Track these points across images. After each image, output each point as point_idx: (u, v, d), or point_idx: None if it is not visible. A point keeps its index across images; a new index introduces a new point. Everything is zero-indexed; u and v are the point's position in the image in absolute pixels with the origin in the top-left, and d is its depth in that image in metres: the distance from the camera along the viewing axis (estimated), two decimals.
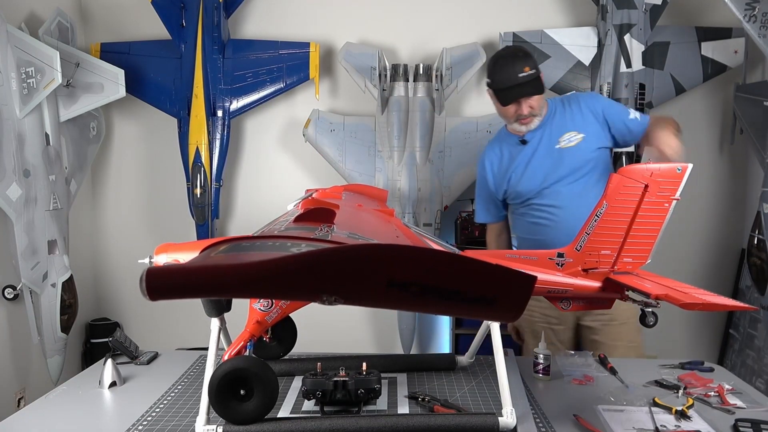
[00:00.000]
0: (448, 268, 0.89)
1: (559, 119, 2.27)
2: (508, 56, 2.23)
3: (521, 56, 2.19)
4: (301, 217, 1.35)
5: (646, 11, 3.20)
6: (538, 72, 2.18)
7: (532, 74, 2.14)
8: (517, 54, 2.22)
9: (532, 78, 2.15)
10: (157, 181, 3.73)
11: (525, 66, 2.15)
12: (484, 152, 2.43)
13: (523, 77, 2.14)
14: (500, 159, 2.34)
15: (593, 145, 2.21)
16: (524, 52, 2.24)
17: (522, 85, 2.15)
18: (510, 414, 1.41)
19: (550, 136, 2.25)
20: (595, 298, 1.56)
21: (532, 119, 2.22)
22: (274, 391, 1.37)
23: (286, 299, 1.49)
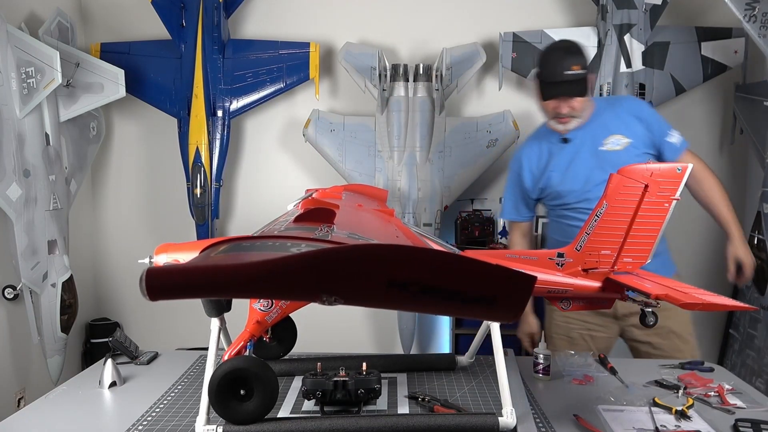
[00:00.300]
0: (448, 268, 0.89)
1: (605, 120, 2.18)
2: (561, 50, 2.14)
3: (573, 52, 2.11)
4: (301, 217, 1.34)
5: (646, 11, 3.20)
6: (587, 73, 2.10)
7: (580, 74, 2.07)
8: (570, 49, 2.13)
9: (579, 78, 2.07)
10: (157, 181, 3.73)
11: (574, 64, 2.06)
12: (522, 148, 2.35)
13: (569, 75, 2.06)
14: (539, 157, 2.26)
15: (639, 151, 2.13)
16: (578, 48, 2.14)
17: (566, 83, 2.07)
18: (510, 414, 1.41)
19: (594, 137, 2.17)
20: (595, 298, 1.56)
21: (570, 120, 2.15)
22: (274, 391, 1.37)
23: (286, 299, 1.49)
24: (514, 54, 3.36)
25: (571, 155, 2.19)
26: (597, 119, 2.18)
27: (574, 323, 2.27)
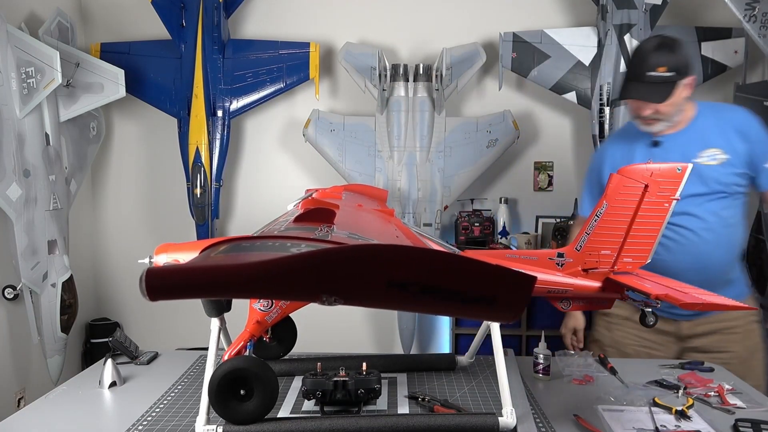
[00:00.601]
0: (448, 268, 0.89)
1: (706, 130, 2.00)
2: (652, 46, 1.95)
3: (664, 51, 1.91)
4: (301, 217, 1.34)
5: (646, 11, 3.20)
6: (678, 76, 1.90)
7: (665, 77, 1.89)
8: (661, 46, 1.93)
9: (663, 81, 1.89)
10: (157, 181, 3.73)
11: (660, 65, 1.89)
12: (606, 144, 2.21)
13: (651, 76, 1.90)
14: (623, 156, 2.08)
15: (736, 169, 1.97)
16: (671, 46, 1.93)
17: (647, 85, 1.91)
18: (510, 414, 1.41)
19: (689, 146, 1.99)
20: (595, 298, 1.56)
21: (655, 122, 1.98)
22: (274, 391, 1.37)
23: (286, 299, 1.49)
24: (514, 54, 3.36)
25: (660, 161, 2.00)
26: (697, 127, 2.01)
27: (630, 338, 2.17)
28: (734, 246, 2.08)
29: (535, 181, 3.65)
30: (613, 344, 2.21)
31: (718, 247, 2.02)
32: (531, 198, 3.64)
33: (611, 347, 2.21)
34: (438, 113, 3.36)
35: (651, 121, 1.99)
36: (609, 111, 3.24)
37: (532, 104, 3.61)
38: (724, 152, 1.97)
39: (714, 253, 2.01)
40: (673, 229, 1.99)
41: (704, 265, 2.00)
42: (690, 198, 1.96)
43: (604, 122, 3.25)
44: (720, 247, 2.02)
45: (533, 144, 3.63)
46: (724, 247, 2.04)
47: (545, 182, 3.64)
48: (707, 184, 1.98)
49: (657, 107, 1.94)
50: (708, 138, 1.99)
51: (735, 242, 2.08)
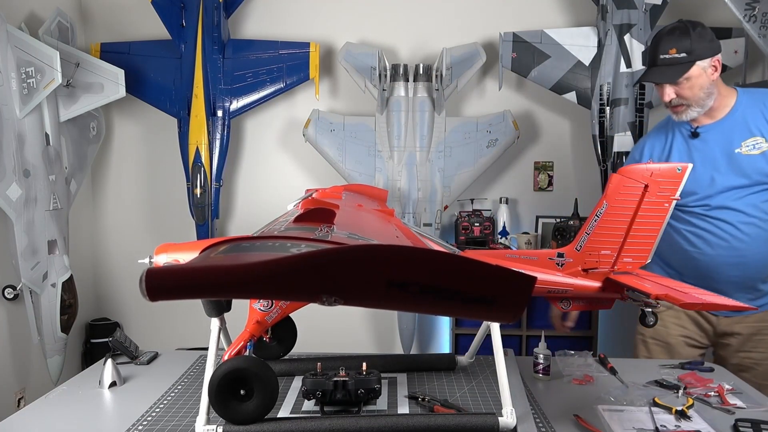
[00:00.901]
0: (448, 269, 0.89)
1: (747, 117, 1.95)
2: (665, 31, 1.96)
3: (676, 35, 1.92)
4: (301, 218, 1.34)
5: (646, 11, 3.20)
6: (690, 57, 1.89)
7: (677, 58, 1.89)
8: (673, 31, 1.95)
9: (674, 62, 1.89)
10: (157, 181, 3.73)
11: (672, 47, 1.90)
12: (647, 137, 2.18)
13: (663, 59, 1.90)
14: (662, 148, 2.07)
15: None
16: (683, 29, 1.93)
17: (660, 68, 1.92)
18: (510, 414, 1.41)
19: (731, 135, 1.95)
20: (595, 298, 1.56)
21: (685, 109, 1.95)
22: (274, 391, 1.37)
23: (286, 300, 1.49)
24: (514, 54, 3.36)
25: (700, 152, 1.98)
26: (737, 115, 1.96)
27: (673, 328, 2.16)
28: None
29: (535, 181, 3.65)
30: (655, 335, 2.20)
31: (760, 243, 1.96)
32: (531, 198, 3.64)
33: (653, 339, 2.20)
34: (438, 113, 3.36)
35: (678, 108, 1.96)
36: (609, 111, 3.24)
37: (532, 104, 3.61)
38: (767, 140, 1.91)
39: (755, 248, 1.96)
40: (713, 222, 1.97)
41: (744, 260, 1.97)
42: (730, 191, 1.94)
43: (604, 122, 3.25)
44: (762, 243, 1.96)
45: (533, 144, 3.63)
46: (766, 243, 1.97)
47: (545, 182, 3.64)
48: (748, 176, 1.92)
49: (677, 91, 1.93)
50: (750, 126, 1.94)
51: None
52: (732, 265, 1.96)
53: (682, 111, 1.96)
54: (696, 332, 2.17)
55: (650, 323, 1.44)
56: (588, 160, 3.51)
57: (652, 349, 2.22)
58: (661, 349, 2.20)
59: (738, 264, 1.96)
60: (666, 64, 1.91)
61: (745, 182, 1.93)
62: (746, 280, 2.00)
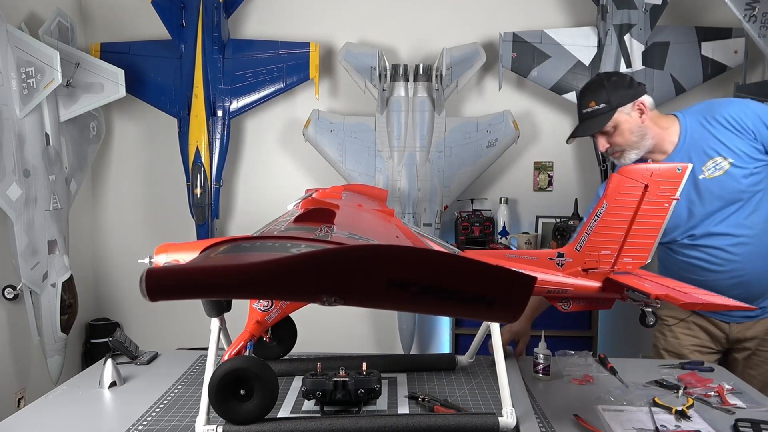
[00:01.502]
0: (448, 269, 0.89)
1: (699, 140, 1.93)
2: (582, 89, 2.05)
3: (592, 88, 1.99)
4: (301, 218, 1.34)
5: (646, 11, 3.20)
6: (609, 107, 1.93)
7: (597, 110, 1.94)
8: (590, 85, 2.02)
9: (598, 114, 1.95)
10: (157, 181, 3.73)
11: (590, 100, 1.96)
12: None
13: (585, 113, 1.98)
14: None
15: (746, 169, 1.88)
16: (598, 82, 2.00)
17: (584, 122, 1.99)
18: (510, 414, 1.41)
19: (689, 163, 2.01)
20: (595, 298, 1.56)
21: (621, 154, 1.99)
22: (274, 391, 1.37)
23: (286, 300, 1.49)
24: (514, 54, 3.36)
25: None
26: (687, 143, 1.95)
27: (686, 339, 2.15)
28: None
29: (535, 181, 3.65)
30: (669, 347, 2.19)
31: (755, 258, 1.95)
32: (531, 198, 3.64)
33: (666, 350, 2.19)
34: (438, 113, 3.36)
35: (615, 155, 2.01)
36: None
37: (532, 104, 3.61)
38: (726, 157, 1.89)
39: (751, 265, 1.95)
40: (703, 250, 1.97)
41: (743, 279, 1.96)
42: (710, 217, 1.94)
43: None
44: (757, 258, 1.95)
45: (533, 144, 3.63)
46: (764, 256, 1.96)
47: (545, 182, 3.64)
48: (721, 197, 1.91)
49: (608, 140, 1.98)
50: (704, 148, 1.92)
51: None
52: (733, 286, 1.94)
53: (619, 156, 2.00)
54: (708, 340, 2.15)
55: (650, 323, 1.44)
56: (588, 160, 3.52)
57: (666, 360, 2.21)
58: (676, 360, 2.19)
59: (738, 284, 1.95)
60: (589, 117, 1.97)
61: (721, 204, 1.92)
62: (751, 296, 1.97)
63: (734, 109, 1.92)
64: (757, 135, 1.88)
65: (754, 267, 1.96)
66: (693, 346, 2.15)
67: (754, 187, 1.90)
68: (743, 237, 1.94)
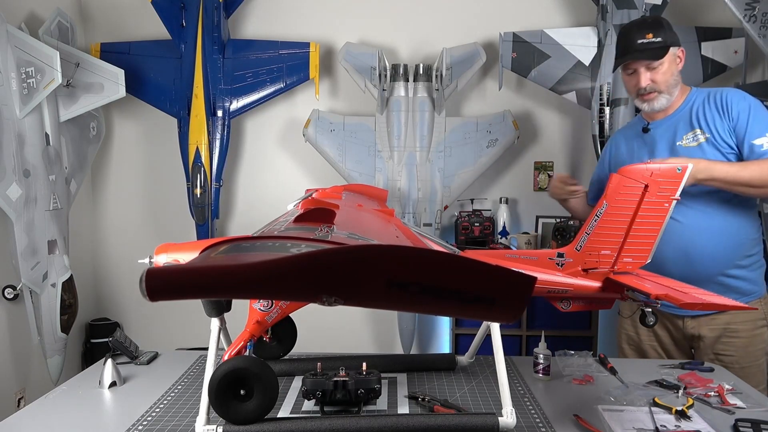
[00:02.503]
0: (448, 269, 0.89)
1: (692, 112, 2.02)
2: (634, 24, 2.05)
3: (648, 23, 2.00)
4: (301, 218, 1.34)
5: (646, 11, 3.20)
6: (667, 43, 1.96)
7: (655, 42, 1.95)
8: (645, 21, 2.03)
9: (654, 46, 1.95)
10: (157, 181, 3.73)
11: (648, 33, 1.95)
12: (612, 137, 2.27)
13: (641, 44, 1.95)
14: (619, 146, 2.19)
15: (718, 150, 1.95)
16: (655, 20, 2.02)
17: (639, 52, 1.97)
18: (510, 414, 1.41)
19: (675, 130, 2.03)
20: (595, 298, 1.56)
21: (655, 96, 2.01)
22: (274, 391, 1.37)
23: (286, 300, 1.49)
24: (514, 54, 3.36)
25: (647, 146, 2.07)
26: (684, 110, 2.04)
27: (644, 335, 2.21)
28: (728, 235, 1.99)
29: (535, 181, 3.65)
30: (632, 343, 2.24)
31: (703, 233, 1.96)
32: (531, 198, 3.64)
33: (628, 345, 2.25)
34: (438, 113, 3.36)
35: (650, 95, 2.01)
36: (609, 111, 3.24)
37: (532, 104, 3.61)
38: (704, 132, 1.98)
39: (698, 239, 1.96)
40: None
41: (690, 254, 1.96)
42: None
43: (604, 122, 3.25)
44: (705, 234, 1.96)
45: (533, 144, 3.63)
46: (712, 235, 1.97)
47: (545, 182, 3.64)
48: None
49: (651, 76, 1.98)
50: (692, 120, 2.02)
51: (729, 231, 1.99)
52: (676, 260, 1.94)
53: (654, 98, 2.02)
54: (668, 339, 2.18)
55: (650, 323, 1.44)
56: (588, 160, 3.52)
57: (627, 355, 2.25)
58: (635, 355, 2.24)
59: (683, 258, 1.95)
60: (644, 48, 1.96)
61: None
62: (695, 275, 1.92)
63: (732, 95, 2.02)
64: (736, 123, 1.95)
65: (700, 241, 1.96)
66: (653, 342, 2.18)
67: None
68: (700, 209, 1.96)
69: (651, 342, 2.20)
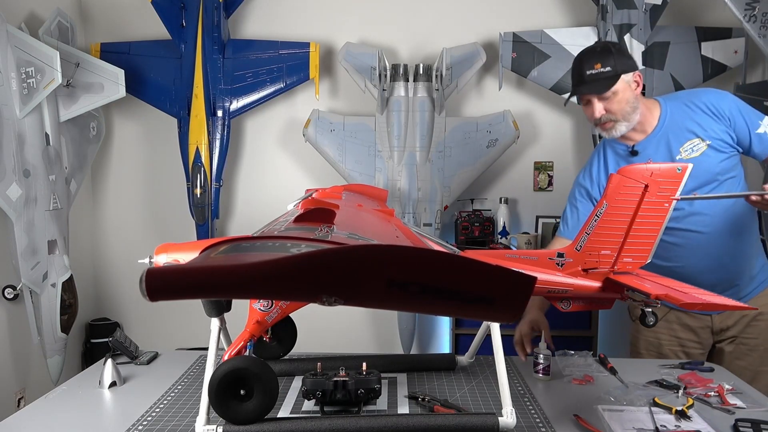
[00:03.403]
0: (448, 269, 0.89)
1: (677, 123, 1.98)
2: (584, 53, 2.00)
3: (597, 52, 1.96)
4: (301, 218, 1.34)
5: (646, 11, 3.20)
6: (617, 71, 1.92)
7: (604, 72, 1.91)
8: (594, 50, 1.99)
9: (603, 77, 1.92)
10: (157, 181, 3.73)
11: (596, 63, 1.92)
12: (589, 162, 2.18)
13: (590, 75, 1.93)
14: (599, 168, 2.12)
15: (722, 154, 1.95)
16: (604, 48, 1.98)
17: (588, 84, 1.94)
18: (510, 414, 1.41)
19: (668, 145, 1.98)
20: (595, 298, 1.56)
21: (613, 125, 1.97)
22: (274, 391, 1.37)
23: (286, 300, 1.49)
24: (514, 54, 3.36)
25: None
26: (666, 123, 2.00)
27: (665, 339, 2.17)
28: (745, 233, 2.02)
29: (535, 181, 3.65)
30: (648, 347, 2.20)
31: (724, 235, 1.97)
32: (531, 198, 3.64)
33: (647, 350, 2.20)
34: (438, 113, 3.36)
35: (606, 125, 1.98)
36: None
37: (532, 104, 3.61)
38: (703, 140, 1.95)
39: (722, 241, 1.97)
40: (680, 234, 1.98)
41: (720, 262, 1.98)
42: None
43: None
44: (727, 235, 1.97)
45: (533, 144, 3.63)
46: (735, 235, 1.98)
47: (545, 182, 3.64)
48: (696, 178, 1.89)
49: (605, 106, 1.95)
50: (683, 130, 1.98)
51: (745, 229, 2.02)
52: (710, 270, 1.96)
53: (611, 127, 1.98)
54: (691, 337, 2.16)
55: (650, 323, 1.44)
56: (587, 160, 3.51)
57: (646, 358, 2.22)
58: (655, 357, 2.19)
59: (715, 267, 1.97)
60: (593, 79, 1.93)
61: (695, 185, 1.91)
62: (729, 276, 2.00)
63: (713, 96, 2.00)
64: (732, 122, 1.95)
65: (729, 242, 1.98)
66: (674, 346, 2.16)
67: (728, 172, 1.97)
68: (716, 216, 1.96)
69: (672, 346, 2.16)
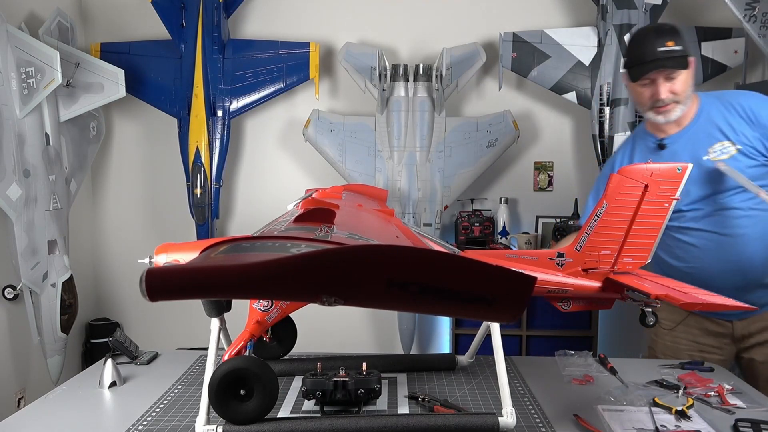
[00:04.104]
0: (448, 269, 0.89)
1: (711, 122, 1.91)
2: (650, 30, 1.91)
3: (667, 30, 1.86)
4: (301, 218, 1.34)
5: (646, 11, 3.20)
6: (686, 52, 1.84)
7: (677, 51, 1.81)
8: (662, 28, 1.88)
9: (676, 55, 1.82)
10: (157, 181, 3.73)
11: (668, 40, 1.82)
12: (615, 153, 2.10)
13: (663, 52, 1.81)
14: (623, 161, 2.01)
15: (751, 161, 1.86)
16: (671, 27, 1.89)
17: (661, 60, 1.82)
18: (510, 414, 1.40)
19: (697, 143, 1.90)
20: (595, 298, 1.56)
21: (673, 107, 1.87)
22: (274, 391, 1.37)
23: (286, 300, 1.49)
24: (514, 54, 3.36)
25: None
26: (701, 121, 1.92)
27: (684, 344, 2.10)
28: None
29: (535, 181, 3.65)
30: (665, 350, 2.14)
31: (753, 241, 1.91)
32: (531, 198, 3.64)
33: (663, 354, 2.14)
34: (438, 113, 3.36)
35: (666, 107, 1.88)
36: (609, 111, 3.24)
37: (532, 104, 3.61)
38: (735, 143, 1.87)
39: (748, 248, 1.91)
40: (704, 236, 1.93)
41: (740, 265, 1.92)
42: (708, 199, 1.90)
43: (604, 122, 3.25)
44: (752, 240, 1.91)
45: (533, 144, 3.63)
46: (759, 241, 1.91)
47: (545, 182, 3.64)
48: (724, 182, 1.87)
49: (674, 87, 1.86)
50: (715, 130, 1.90)
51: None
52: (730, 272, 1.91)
53: (670, 110, 1.89)
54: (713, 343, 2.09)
55: (650, 323, 1.44)
56: (588, 160, 3.51)
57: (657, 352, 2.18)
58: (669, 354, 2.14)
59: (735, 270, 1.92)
60: (667, 56, 1.83)
61: (720, 188, 1.88)
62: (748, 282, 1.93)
63: (753, 101, 1.91)
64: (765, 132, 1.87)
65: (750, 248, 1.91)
66: (693, 351, 2.11)
67: (756, 180, 1.87)
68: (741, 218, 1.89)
69: (691, 351, 2.10)
